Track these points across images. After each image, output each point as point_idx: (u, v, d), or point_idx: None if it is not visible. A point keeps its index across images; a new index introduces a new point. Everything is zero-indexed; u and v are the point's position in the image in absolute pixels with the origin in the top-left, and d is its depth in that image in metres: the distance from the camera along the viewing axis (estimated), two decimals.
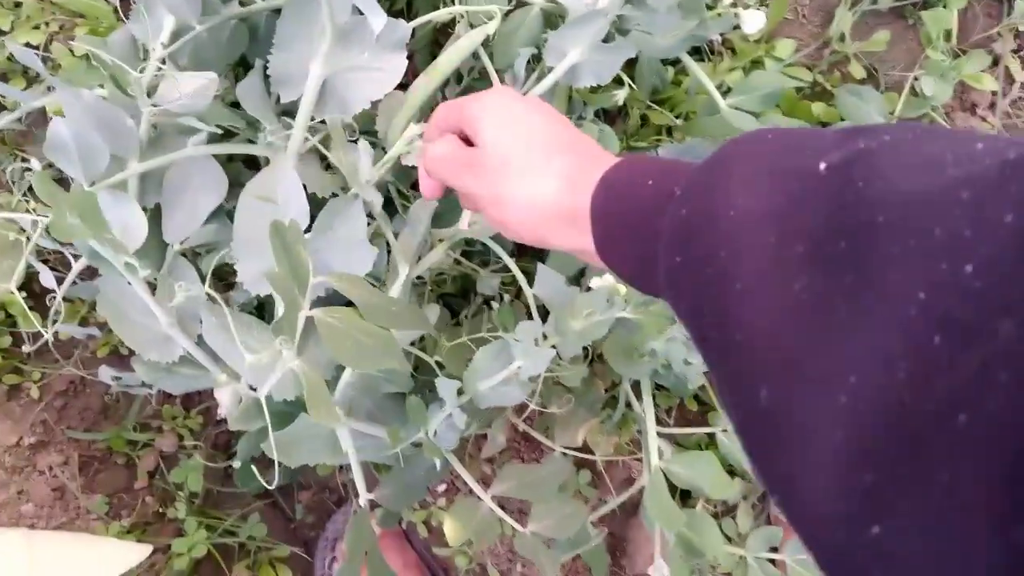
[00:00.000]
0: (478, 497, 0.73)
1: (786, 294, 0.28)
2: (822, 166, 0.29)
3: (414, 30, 0.66)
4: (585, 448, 0.93)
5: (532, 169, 0.45)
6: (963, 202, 0.24)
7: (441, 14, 0.71)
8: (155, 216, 0.71)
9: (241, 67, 0.84)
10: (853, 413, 0.24)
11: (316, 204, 0.65)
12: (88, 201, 0.51)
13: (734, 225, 0.31)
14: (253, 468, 0.64)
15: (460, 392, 0.67)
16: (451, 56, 0.69)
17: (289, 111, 0.70)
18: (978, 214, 0.23)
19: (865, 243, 0.26)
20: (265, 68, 0.67)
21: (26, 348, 0.81)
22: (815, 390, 0.26)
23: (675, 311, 0.36)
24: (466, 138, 0.50)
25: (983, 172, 0.24)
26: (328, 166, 0.71)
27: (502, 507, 0.73)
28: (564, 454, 0.87)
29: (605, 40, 0.71)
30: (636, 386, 0.82)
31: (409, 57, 0.66)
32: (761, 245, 0.30)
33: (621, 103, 0.84)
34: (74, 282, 0.73)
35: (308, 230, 0.65)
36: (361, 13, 0.59)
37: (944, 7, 0.99)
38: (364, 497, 0.69)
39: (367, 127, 0.74)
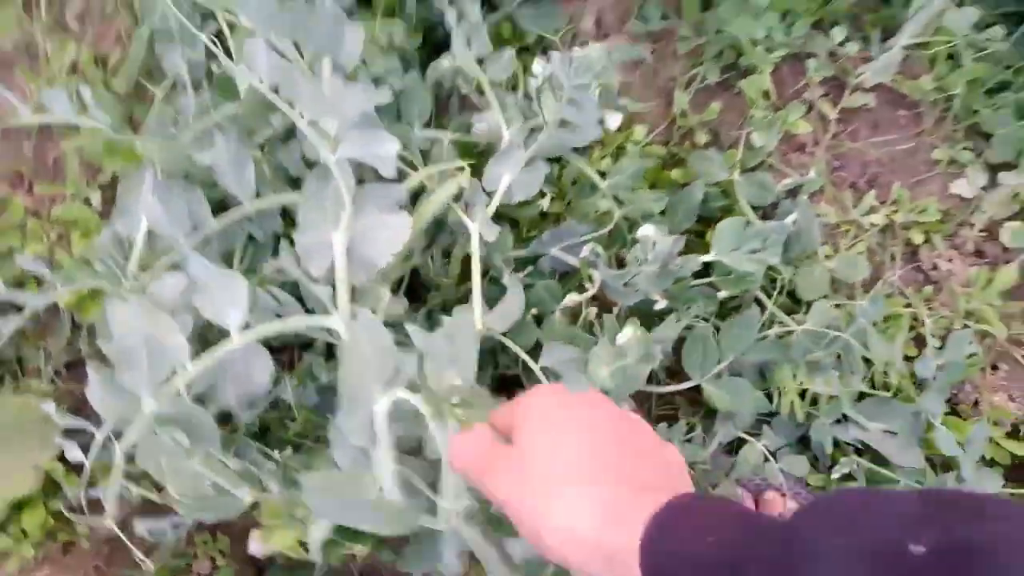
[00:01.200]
0: None
1: None
2: (913, 551, 0.27)
3: None
4: None
5: (570, 491, 0.41)
6: None
7: (420, 175, 0.90)
8: None
9: None
10: None
11: None
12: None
13: None
14: None
15: None
16: (431, 206, 0.89)
17: None
18: None
19: None
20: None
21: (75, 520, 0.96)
22: None
23: None
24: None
25: None
26: None
27: None
28: None
29: None
30: None
31: None
32: None
33: (545, 208, 1.06)
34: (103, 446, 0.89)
35: None
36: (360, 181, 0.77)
37: (759, 74, 1.25)
38: None
39: None
